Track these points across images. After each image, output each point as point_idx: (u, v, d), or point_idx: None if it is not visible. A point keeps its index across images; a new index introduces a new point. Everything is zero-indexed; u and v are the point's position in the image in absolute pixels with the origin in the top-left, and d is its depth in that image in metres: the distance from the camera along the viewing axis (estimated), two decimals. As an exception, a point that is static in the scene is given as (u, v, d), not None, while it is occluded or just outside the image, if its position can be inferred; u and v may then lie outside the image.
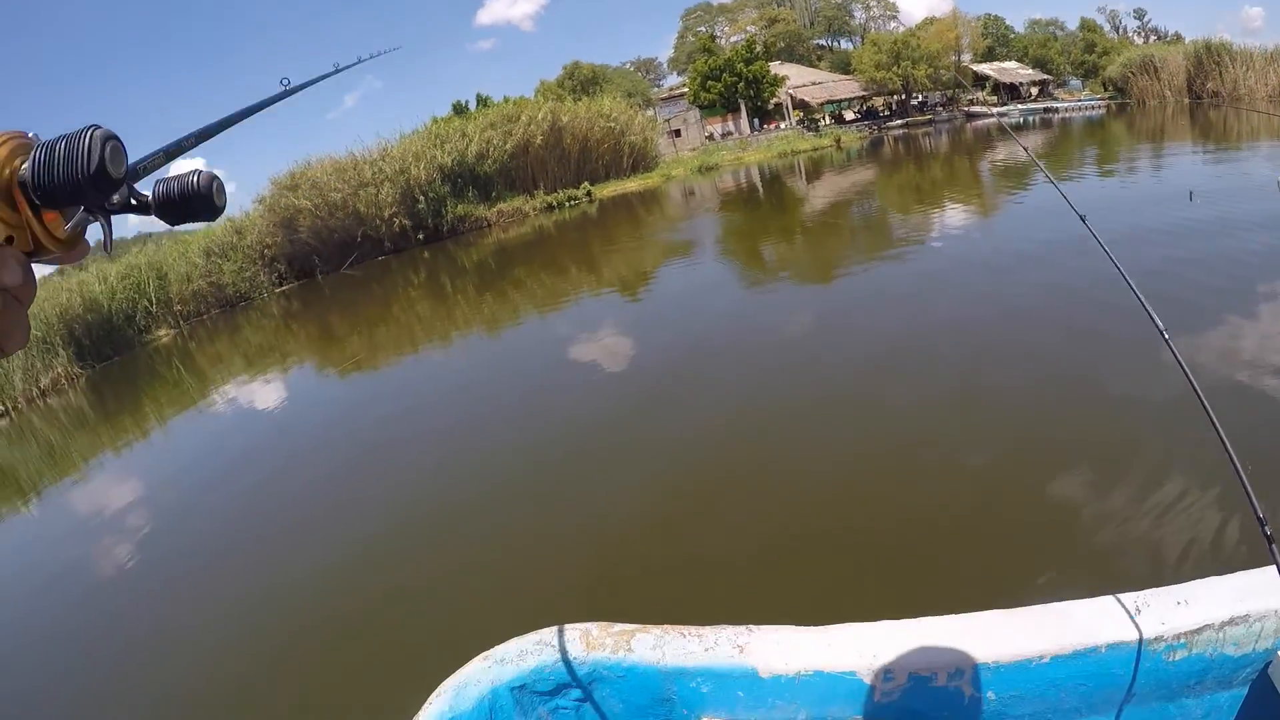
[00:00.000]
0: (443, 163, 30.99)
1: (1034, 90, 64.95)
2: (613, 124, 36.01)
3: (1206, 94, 53.85)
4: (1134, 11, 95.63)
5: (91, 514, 9.79)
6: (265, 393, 13.87)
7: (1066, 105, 57.28)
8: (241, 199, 69.48)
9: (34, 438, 17.98)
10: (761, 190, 26.35)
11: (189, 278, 31.39)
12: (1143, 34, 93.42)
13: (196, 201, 0.73)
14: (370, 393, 11.62)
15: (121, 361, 25.70)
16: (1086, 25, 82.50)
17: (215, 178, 0.73)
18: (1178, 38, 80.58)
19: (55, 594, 7.10)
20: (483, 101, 46.73)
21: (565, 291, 15.06)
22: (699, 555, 4.72)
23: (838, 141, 41.81)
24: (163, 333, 29.92)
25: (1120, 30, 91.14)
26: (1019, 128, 41.67)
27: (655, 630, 2.22)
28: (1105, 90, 65.89)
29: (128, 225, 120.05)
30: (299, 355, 17.33)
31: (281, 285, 31.52)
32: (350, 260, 30.56)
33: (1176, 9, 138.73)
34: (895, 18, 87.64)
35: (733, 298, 11.62)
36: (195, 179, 0.73)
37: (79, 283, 29.19)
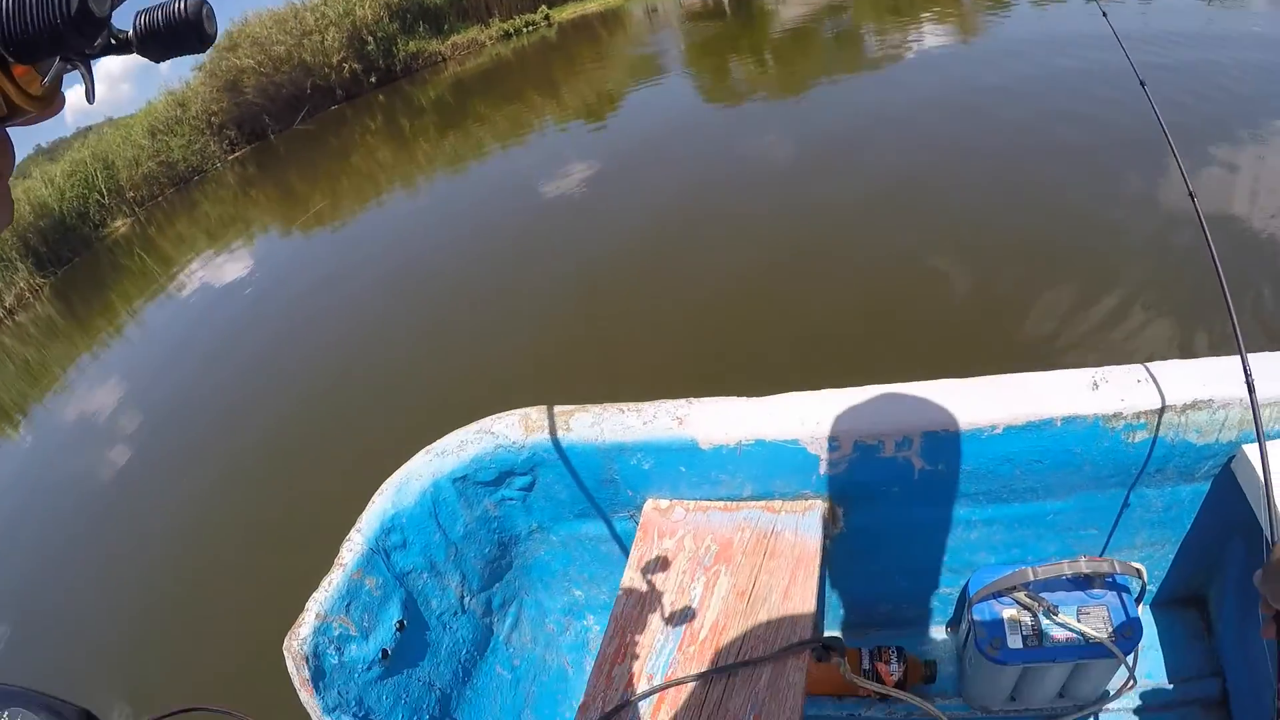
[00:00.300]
0: (389, 0, 28.69)
1: None
2: None
3: None
4: None
5: (80, 420, 9.57)
6: (235, 264, 13.27)
7: None
8: (174, 72, 66.52)
9: (8, 358, 17.48)
10: (735, 4, 24.21)
11: (137, 161, 29.78)
12: None
13: (184, 30, 0.60)
14: (341, 243, 11.29)
15: (83, 262, 24.94)
16: None
17: (204, 1, 0.61)
18: None
19: (52, 498, 7.28)
20: None
21: (529, 123, 14.09)
22: (641, 345, 5.04)
23: None
24: (119, 224, 28.67)
25: None
26: None
27: (594, 409, 2.18)
28: None
29: (64, 123, 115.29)
30: (262, 221, 16.58)
31: (234, 152, 29.98)
32: (302, 115, 28.94)
33: None
34: None
35: (697, 119, 10.93)
36: (181, 4, 0.60)
37: (24, 190, 27.91)
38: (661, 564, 2.03)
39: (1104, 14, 2.13)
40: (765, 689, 1.70)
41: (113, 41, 0.60)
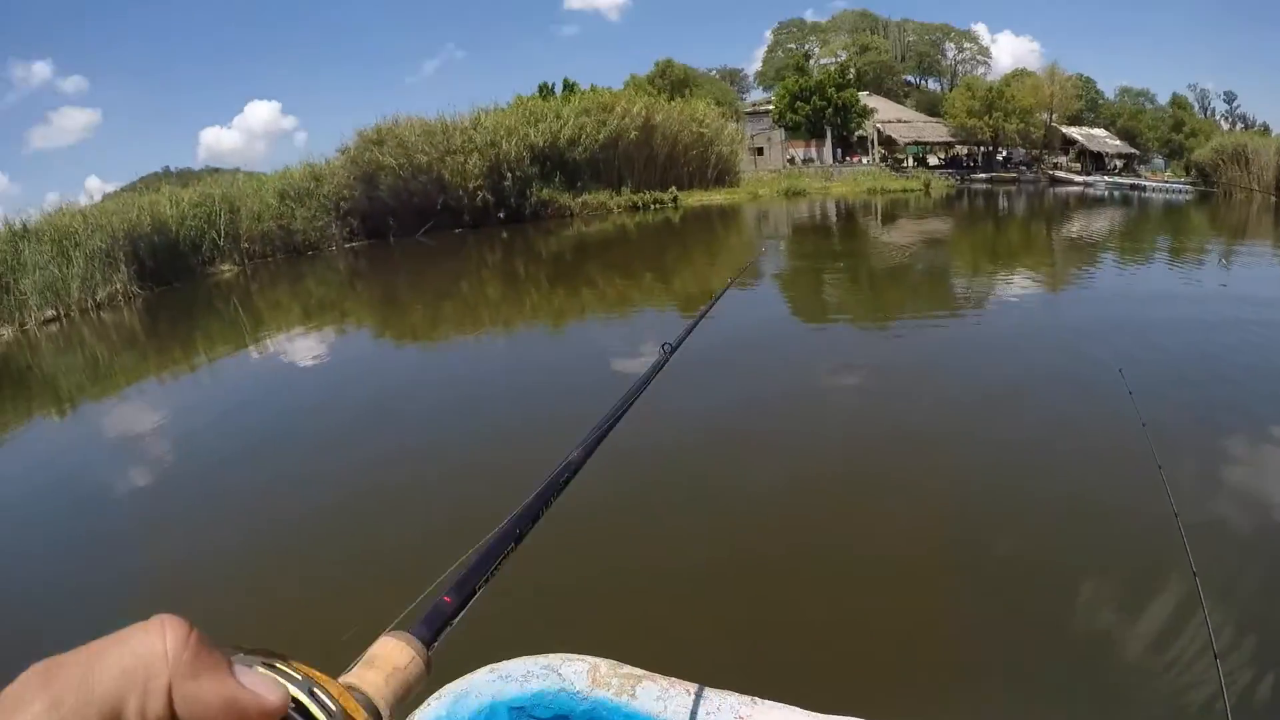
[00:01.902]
0: (534, 142, 30.57)
1: (1118, 163, 63.71)
2: (704, 130, 35.56)
3: (1296, 193, 55.10)
4: (1224, 94, 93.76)
5: (118, 435, 9.88)
6: (318, 349, 13.83)
7: (1152, 185, 55.84)
8: (311, 148, 70.63)
9: (80, 349, 18.14)
10: (843, 224, 26.00)
11: (260, 217, 31.50)
12: (1230, 119, 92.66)
13: None
14: (423, 363, 11.61)
15: (181, 289, 26.20)
16: (1177, 102, 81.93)
17: None
18: (1265, 129, 78.82)
19: (57, 499, 7.31)
20: (569, 87, 46.82)
21: (631, 299, 14.81)
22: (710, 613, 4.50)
23: (926, 186, 41.10)
24: (226, 268, 30.03)
25: (1208, 112, 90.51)
26: (1101, 201, 41.27)
27: (661, 681, 2.18)
28: (1187, 173, 64.07)
29: (196, 157, 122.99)
30: (358, 315, 17.28)
31: (351, 241, 31.39)
32: (426, 227, 30.31)
33: (1267, 99, 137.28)
34: (986, 63, 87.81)
35: (779, 331, 11.55)
36: None
37: (150, 202, 29.64)
38: None
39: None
40: None
41: None
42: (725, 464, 6.48)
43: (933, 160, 57.10)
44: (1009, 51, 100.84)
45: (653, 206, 31.13)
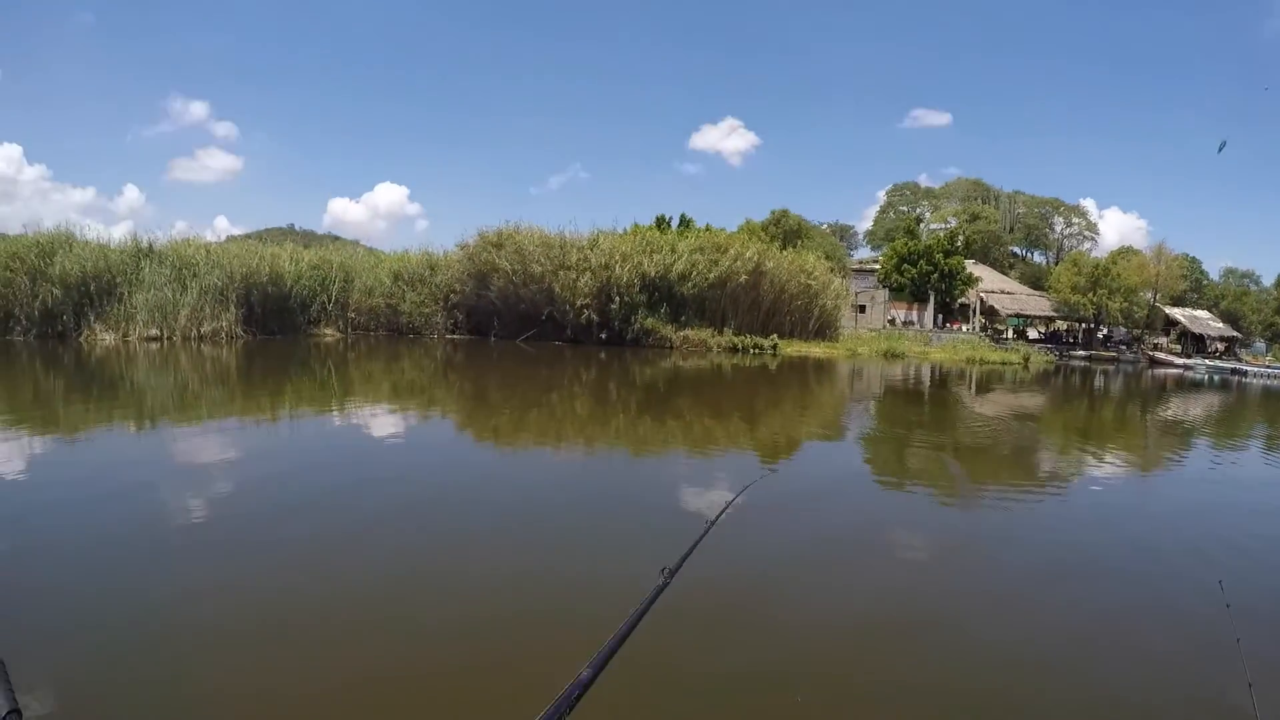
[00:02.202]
0: (646, 271, 30.87)
1: (1220, 345, 62.81)
2: (812, 282, 35.50)
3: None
4: None
5: (184, 463, 10.00)
6: (400, 429, 13.87)
7: (1253, 369, 54.82)
8: (429, 237, 73.28)
9: (174, 372, 18.68)
10: (938, 390, 25.23)
11: (372, 292, 32.60)
12: None
13: None
14: (497, 465, 11.25)
15: (282, 342, 26.63)
16: None
17: None
18: None
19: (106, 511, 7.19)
20: (685, 223, 47.98)
21: (716, 438, 14.32)
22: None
23: (1026, 360, 40.17)
24: (329, 331, 30.96)
25: None
26: (1201, 384, 40.16)
27: None
28: None
29: (320, 221, 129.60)
30: (445, 404, 17.22)
31: (453, 332, 32.09)
32: (528, 334, 30.78)
33: None
34: (1094, 239, 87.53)
35: (852, 491, 10.92)
36: None
37: (272, 254, 30.92)
38: None
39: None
40: None
41: None
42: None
43: (1032, 333, 57.37)
44: (1115, 227, 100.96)
45: (752, 350, 30.99)
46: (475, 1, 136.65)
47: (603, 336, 30.13)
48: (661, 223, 47.20)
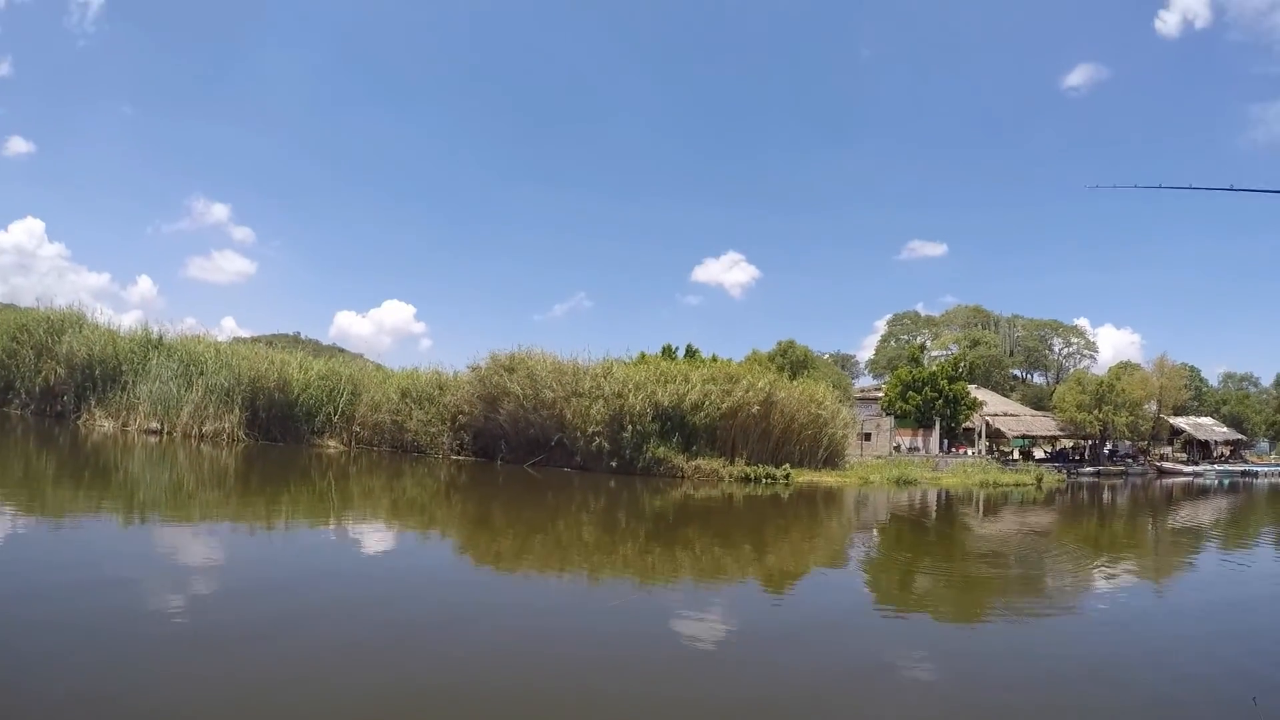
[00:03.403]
0: (660, 401, 30.33)
1: (1225, 450, 63.75)
2: (821, 411, 35.01)
3: None
4: None
5: (168, 561, 9.92)
6: (395, 546, 13.70)
7: (1264, 469, 56.96)
8: (433, 356, 73.77)
9: (170, 468, 18.53)
10: (957, 516, 24.82)
11: (378, 407, 32.20)
12: None
13: None
14: (499, 590, 10.96)
15: (283, 448, 26.10)
16: None
17: None
18: None
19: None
20: (691, 353, 48.30)
21: (725, 569, 14.02)
22: None
23: (1039, 480, 39.95)
24: (333, 443, 30.54)
25: None
26: (1214, 489, 41.42)
27: None
28: None
29: (326, 333, 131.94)
30: (445, 526, 16.77)
31: (459, 454, 31.56)
32: (537, 459, 30.17)
33: None
34: (1093, 357, 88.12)
35: (856, 623, 10.61)
36: None
37: (281, 360, 30.73)
38: None
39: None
40: None
41: None
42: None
43: (1038, 453, 56.36)
44: (1110, 344, 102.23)
45: (765, 480, 30.27)
46: (489, 141, 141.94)
47: (613, 465, 29.43)
48: (668, 352, 47.50)
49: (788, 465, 31.86)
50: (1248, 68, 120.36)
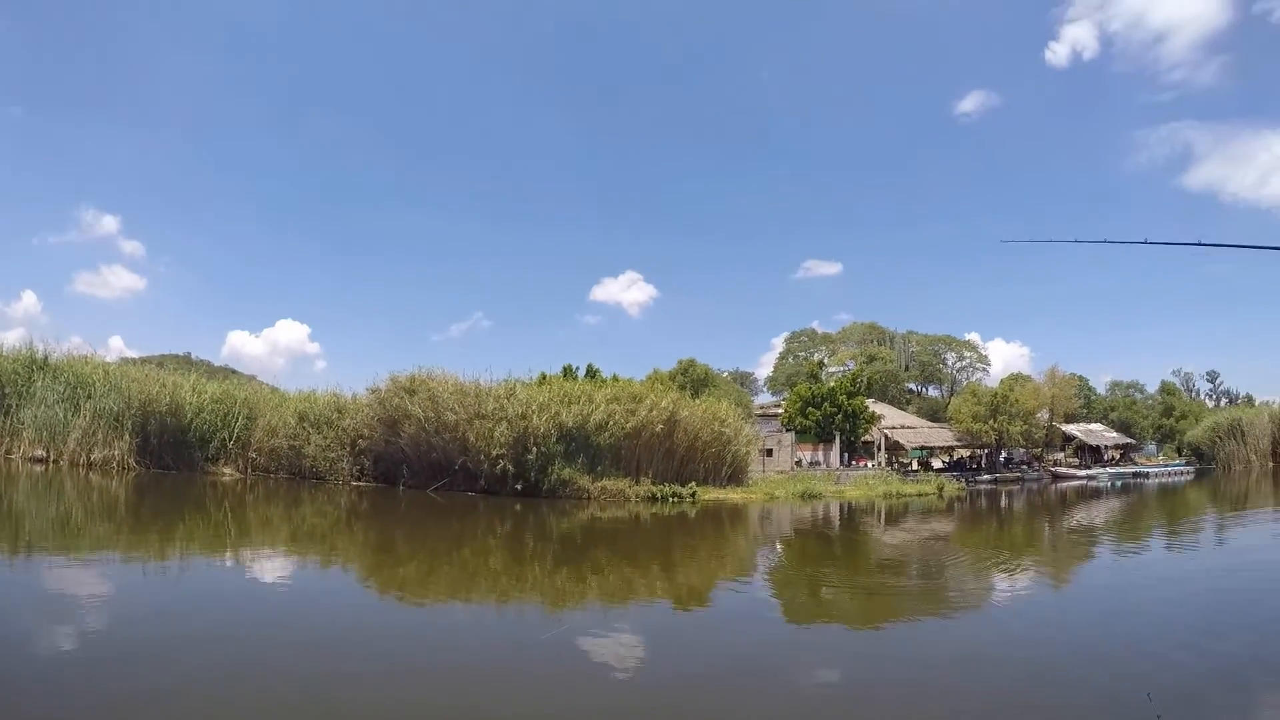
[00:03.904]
0: (564, 421, 30.28)
1: (1116, 454, 66.87)
2: (725, 429, 35.57)
3: (1291, 456, 60.34)
4: (1207, 374, 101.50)
5: (56, 593, 9.76)
6: (295, 576, 13.44)
7: (1154, 470, 60.15)
8: (329, 378, 72.18)
9: (58, 499, 17.91)
10: (861, 526, 25.52)
11: (275, 432, 31.31)
12: (1214, 396, 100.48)
13: None
14: (402, 622, 10.87)
15: (177, 477, 25.15)
16: (1166, 388, 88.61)
17: None
18: (1250, 400, 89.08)
19: None
20: (591, 373, 48.21)
21: (634, 587, 14.28)
22: None
23: (940, 489, 41.35)
24: (228, 471, 29.70)
25: (1193, 393, 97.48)
26: (1108, 491, 43.78)
27: None
28: (1179, 454, 71.49)
29: (218, 353, 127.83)
30: (347, 553, 16.55)
31: (359, 479, 30.91)
32: (440, 484, 29.72)
33: (1243, 370, 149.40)
34: (985, 369, 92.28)
35: (761, 636, 10.84)
36: None
37: (174, 383, 29.64)
38: None
39: None
40: None
41: None
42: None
43: (936, 463, 58.55)
44: (1000, 357, 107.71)
45: (671, 499, 30.49)
46: (385, 155, 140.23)
47: (518, 487, 29.23)
48: (569, 372, 47.37)
49: (693, 483, 32.18)
50: (1132, 96, 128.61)
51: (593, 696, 7.68)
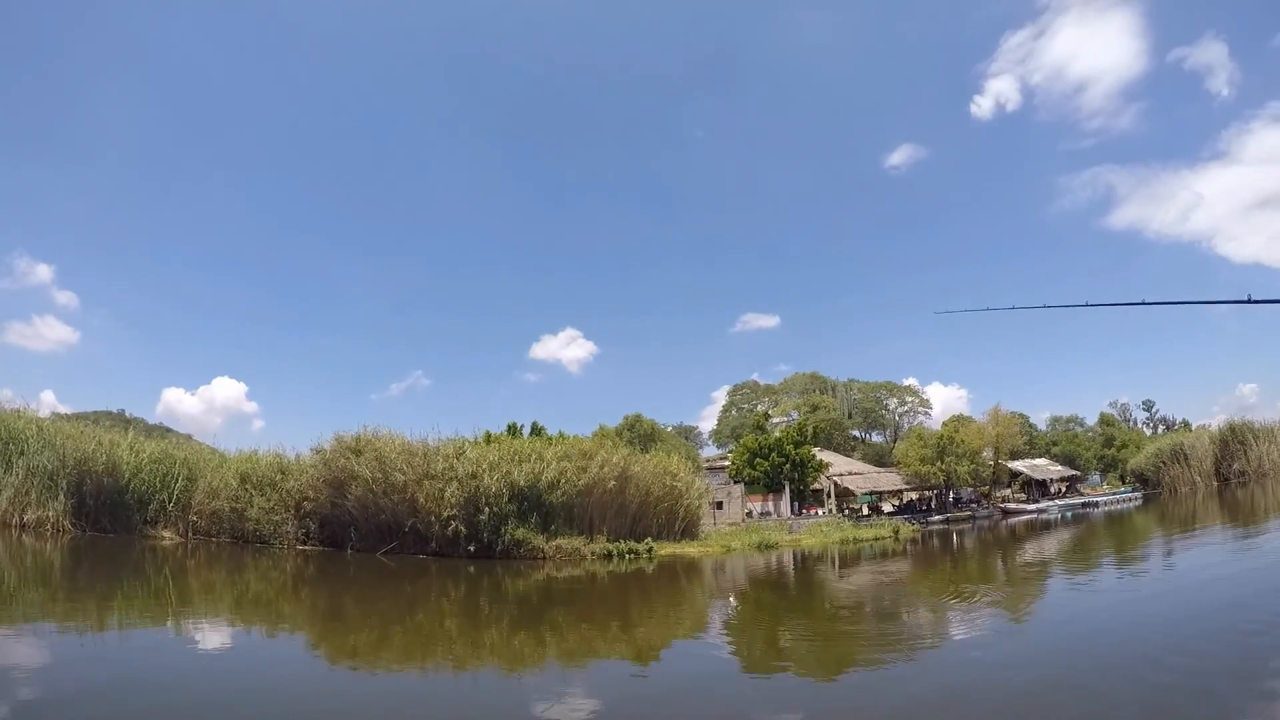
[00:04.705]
0: (515, 480, 29.90)
1: (1062, 486, 68.94)
2: (676, 483, 35.61)
3: (1234, 474, 61.02)
4: (1142, 403, 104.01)
5: None
6: (234, 645, 13.04)
7: (1103, 499, 61.89)
8: (266, 437, 70.91)
9: None
10: (817, 576, 25.80)
11: (216, 494, 30.34)
12: (1151, 424, 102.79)
13: None
14: (359, 691, 10.55)
15: (114, 540, 24.30)
16: (1105, 419, 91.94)
17: None
18: (1186, 425, 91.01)
19: None
20: (537, 430, 48.63)
21: (594, 647, 14.02)
22: None
23: (896, 532, 42.20)
24: (168, 534, 28.81)
25: (1130, 422, 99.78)
26: (1058, 523, 44.98)
27: None
28: (1123, 482, 73.69)
29: (153, 410, 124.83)
30: (295, 621, 16.15)
31: (305, 543, 30.22)
32: (389, 547, 29.29)
33: (1176, 397, 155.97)
34: (927, 413, 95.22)
35: (718, 691, 10.74)
36: None
37: (111, 441, 28.77)
38: None
39: None
40: None
41: None
42: None
43: (886, 507, 59.71)
44: (939, 400, 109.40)
45: (627, 555, 30.08)
46: (323, 208, 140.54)
47: (471, 549, 28.64)
48: (514, 430, 47.62)
49: (649, 539, 31.96)
50: (1055, 144, 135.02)
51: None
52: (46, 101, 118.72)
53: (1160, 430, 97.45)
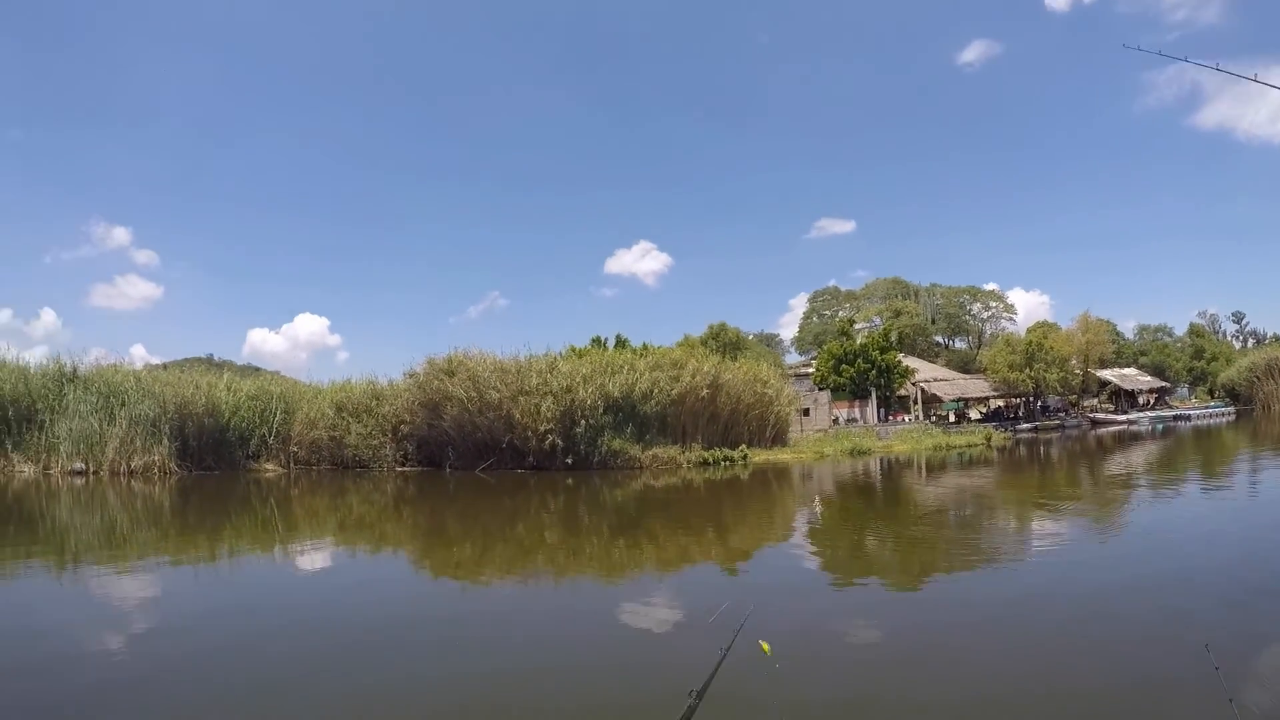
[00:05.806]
0: (610, 392, 29.69)
1: (1151, 398, 67.68)
2: (767, 390, 35.30)
3: (1330, 392, 61.58)
4: (1232, 314, 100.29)
5: (106, 605, 9.59)
6: (347, 568, 13.05)
7: (1194, 412, 60.47)
8: (351, 367, 71.99)
9: (101, 510, 17.74)
10: (915, 482, 24.20)
11: (314, 424, 31.03)
12: (1241, 337, 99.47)
13: None
14: (461, 605, 10.50)
15: (219, 476, 25.03)
16: (1195, 330, 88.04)
17: None
18: (1276, 339, 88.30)
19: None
20: (621, 342, 48.19)
21: (690, 554, 13.82)
22: None
23: (988, 439, 41.05)
24: (270, 466, 29.66)
25: (1220, 334, 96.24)
26: (1150, 435, 43.87)
27: None
28: (1212, 397, 71.64)
29: (240, 352, 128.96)
30: (398, 539, 16.33)
31: (404, 465, 30.73)
32: (487, 463, 29.51)
33: (1266, 308, 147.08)
34: (1013, 319, 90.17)
35: (802, 588, 10.71)
36: None
37: (209, 384, 29.42)
38: None
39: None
40: None
41: None
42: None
43: (973, 414, 58.74)
44: (1022, 305, 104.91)
45: (722, 463, 30.09)
46: (392, 136, 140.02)
47: (568, 461, 28.95)
48: (598, 343, 47.43)
49: (743, 446, 31.64)
50: (1137, 38, 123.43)
51: (640, 665, 7.39)
52: (98, 68, 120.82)
53: (1250, 344, 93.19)
